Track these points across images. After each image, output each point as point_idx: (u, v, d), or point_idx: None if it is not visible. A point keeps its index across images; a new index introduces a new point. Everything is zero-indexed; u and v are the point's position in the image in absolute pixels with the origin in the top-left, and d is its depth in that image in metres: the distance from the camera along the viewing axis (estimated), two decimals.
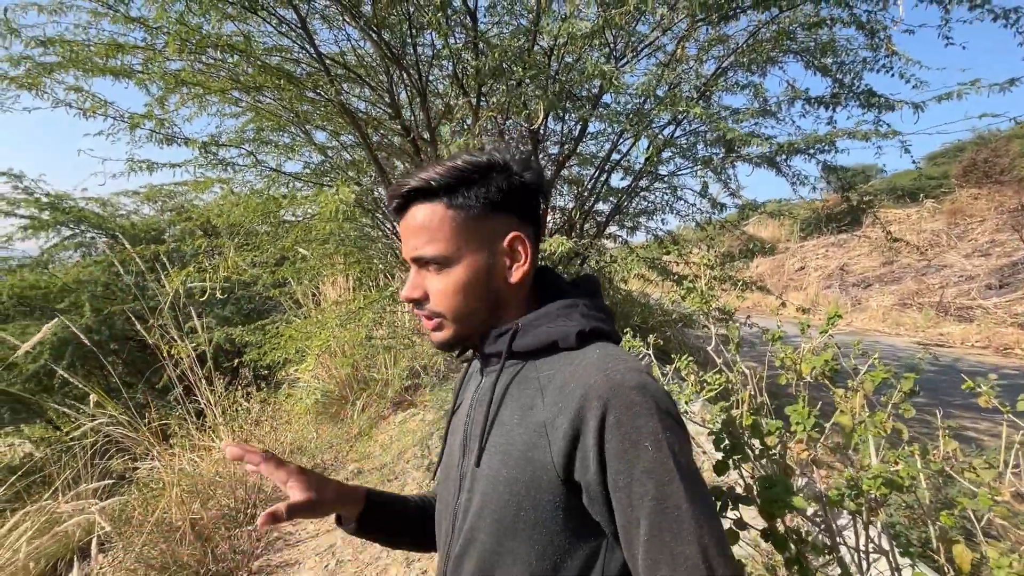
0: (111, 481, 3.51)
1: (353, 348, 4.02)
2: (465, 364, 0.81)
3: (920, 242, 10.59)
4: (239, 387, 4.19)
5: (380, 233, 3.48)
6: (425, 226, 0.64)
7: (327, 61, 2.54)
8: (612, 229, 3.58)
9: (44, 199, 6.41)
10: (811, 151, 2.99)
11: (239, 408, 3.96)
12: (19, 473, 3.43)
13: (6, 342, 5.40)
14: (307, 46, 2.47)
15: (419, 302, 0.68)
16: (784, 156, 3.03)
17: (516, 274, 0.66)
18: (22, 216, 6.33)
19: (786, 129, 4.10)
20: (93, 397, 3.23)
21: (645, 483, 0.52)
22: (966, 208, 11.16)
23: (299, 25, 2.27)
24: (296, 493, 0.69)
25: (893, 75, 2.82)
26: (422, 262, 0.66)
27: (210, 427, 3.80)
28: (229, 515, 3.19)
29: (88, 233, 6.92)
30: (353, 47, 3.07)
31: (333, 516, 0.79)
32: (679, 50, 2.91)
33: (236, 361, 3.88)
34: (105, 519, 2.93)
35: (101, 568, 2.94)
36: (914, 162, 3.01)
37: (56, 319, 3.57)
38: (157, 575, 2.66)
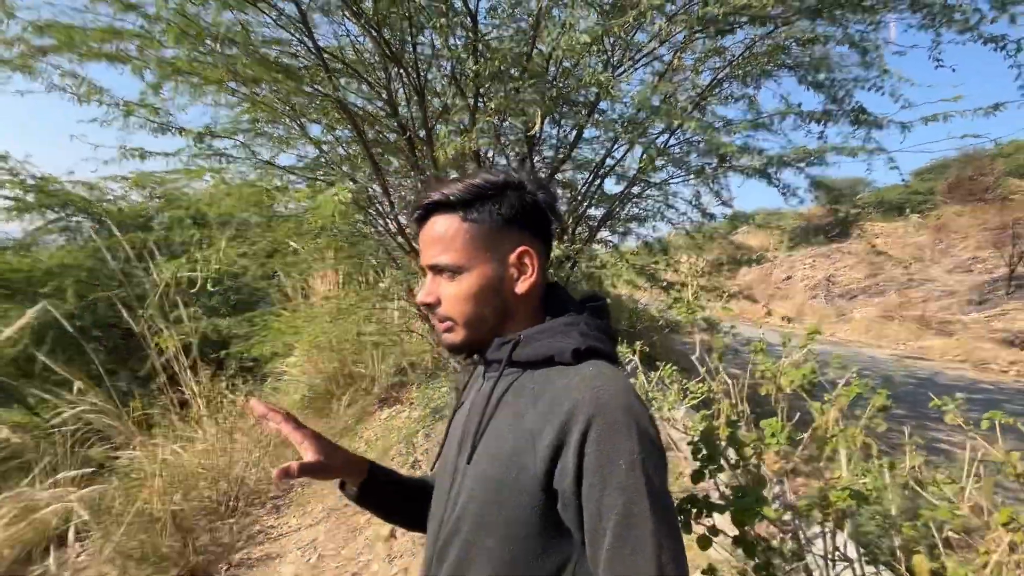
0: (91, 470, 3.47)
1: (340, 343, 4.02)
2: (473, 366, 0.86)
3: (905, 256, 10.80)
4: (224, 378, 4.15)
5: (372, 230, 3.48)
6: (441, 236, 0.70)
7: (325, 55, 2.54)
8: (603, 234, 3.62)
9: (29, 181, 6.29)
10: (800, 164, 3.05)
11: (224, 400, 3.93)
12: None
13: None
14: (306, 39, 2.47)
15: (432, 306, 0.73)
16: (775, 168, 3.08)
17: (523, 286, 0.71)
18: (6, 197, 6.21)
19: (778, 142, 4.16)
20: (78, 384, 3.20)
21: (615, 498, 0.56)
22: (950, 224, 11.40)
23: (299, 19, 2.27)
24: (309, 454, 0.76)
25: (884, 94, 2.88)
26: (437, 269, 0.72)
27: (194, 418, 3.77)
28: (211, 507, 3.18)
29: (74, 217, 6.81)
30: (352, 42, 3.07)
31: (336, 483, 0.85)
32: (676, 60, 2.95)
33: (223, 352, 3.85)
34: (84, 508, 2.90)
35: (78, 557, 2.91)
36: (903, 179, 3.07)
37: (40, 304, 3.52)
38: (136, 566, 2.64)
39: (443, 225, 0.70)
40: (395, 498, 0.87)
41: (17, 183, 6.14)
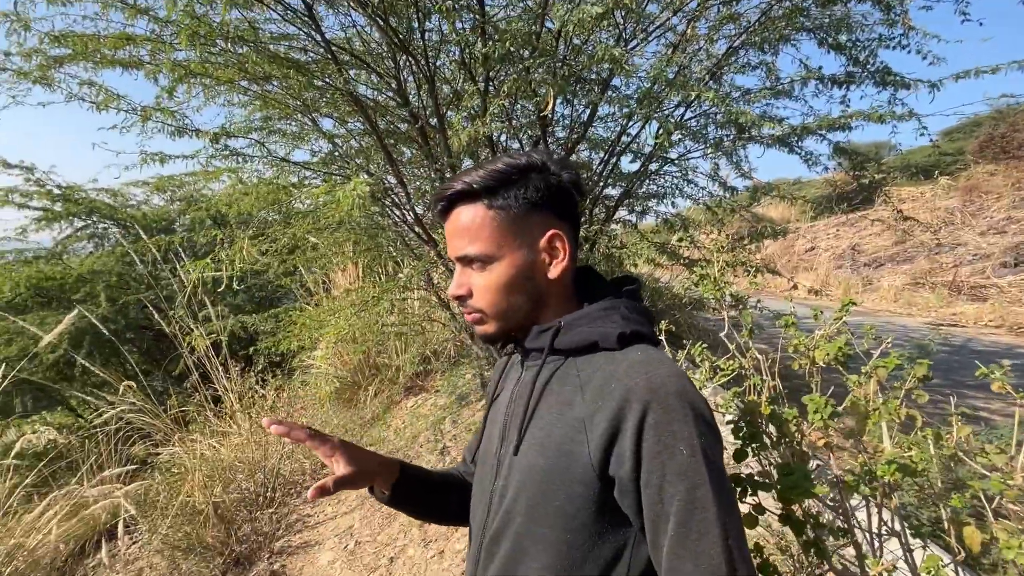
0: (134, 466, 3.62)
1: (364, 335, 4.07)
2: (507, 355, 0.84)
3: (934, 220, 10.43)
4: (253, 374, 4.26)
5: (390, 221, 3.49)
6: (468, 227, 0.69)
7: (333, 48, 2.53)
8: (621, 213, 3.57)
9: (56, 191, 6.48)
10: (823, 132, 2.94)
11: (255, 394, 4.04)
12: (46, 460, 3.54)
13: (26, 332, 5.53)
14: (314, 34, 2.46)
15: (464, 299, 0.72)
16: (796, 137, 2.98)
17: (555, 270, 0.70)
18: (35, 208, 6.41)
19: (799, 108, 4.03)
20: (124, 384, 3.31)
21: (676, 484, 0.55)
22: (982, 185, 10.94)
23: (305, 13, 2.26)
24: (340, 467, 0.74)
25: (910, 51, 2.75)
26: (466, 260, 0.70)
27: (227, 413, 3.89)
28: (250, 498, 3.29)
29: (100, 224, 7.00)
30: (359, 32, 3.05)
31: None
32: (689, 29, 2.86)
33: (251, 348, 3.95)
34: (130, 503, 3.03)
35: (127, 549, 3.05)
36: (932, 140, 2.94)
37: (76, 310, 3.64)
38: (183, 556, 2.76)
39: (468, 215, 0.69)
40: (424, 495, 0.86)
41: (45, 193, 6.32)
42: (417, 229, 3.15)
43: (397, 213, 3.42)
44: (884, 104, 2.68)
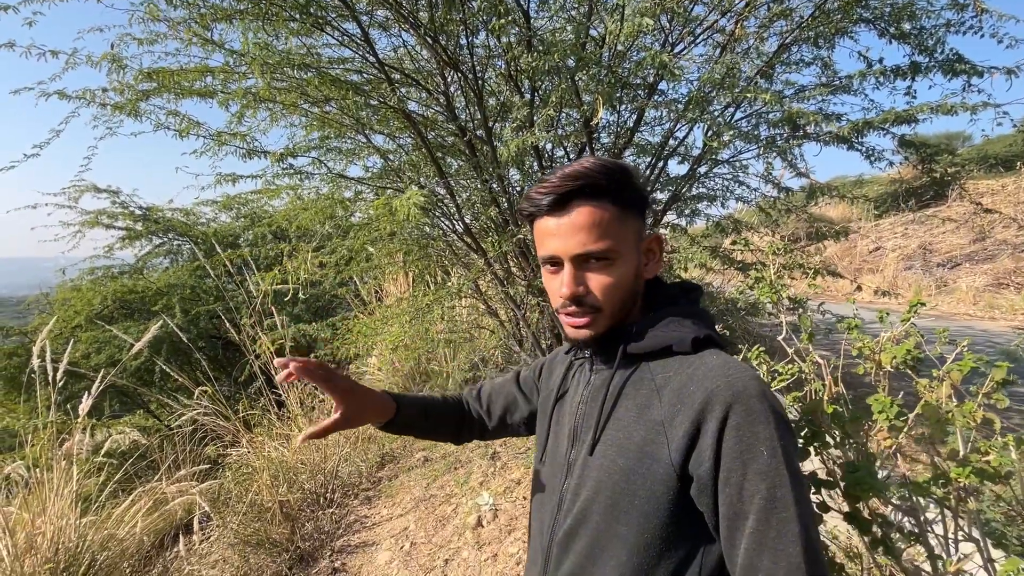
0: (207, 466, 3.88)
1: (415, 342, 4.20)
2: (567, 353, 0.86)
3: (1017, 215, 9.59)
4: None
5: (439, 231, 3.60)
6: (592, 222, 0.66)
7: (386, 68, 2.66)
8: (670, 217, 3.52)
9: (137, 212, 7.09)
10: (887, 126, 2.79)
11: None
12: (131, 459, 3.86)
13: (112, 340, 6.05)
14: (368, 56, 2.60)
15: (581, 298, 0.69)
16: (858, 133, 2.85)
17: (650, 272, 0.74)
18: (119, 228, 7.03)
19: (859, 103, 3.84)
20: (199, 389, 3.58)
21: (757, 483, 0.57)
22: None
23: (362, 38, 2.39)
24: (339, 417, 0.86)
25: (983, 35, 2.58)
26: (585, 258, 0.68)
27: (290, 417, 4.10)
28: (312, 498, 3.45)
29: (175, 241, 7.58)
30: (409, 51, 3.19)
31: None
32: (738, 28, 2.80)
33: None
34: (204, 500, 3.25)
35: (201, 544, 3.27)
36: (1015, 125, 2.72)
37: (161, 320, 3.96)
38: (253, 551, 2.93)
39: (593, 211, 0.66)
40: (415, 430, 0.99)
41: (128, 214, 6.92)
42: (467, 239, 3.23)
43: (446, 223, 3.52)
44: (958, 92, 2.52)
